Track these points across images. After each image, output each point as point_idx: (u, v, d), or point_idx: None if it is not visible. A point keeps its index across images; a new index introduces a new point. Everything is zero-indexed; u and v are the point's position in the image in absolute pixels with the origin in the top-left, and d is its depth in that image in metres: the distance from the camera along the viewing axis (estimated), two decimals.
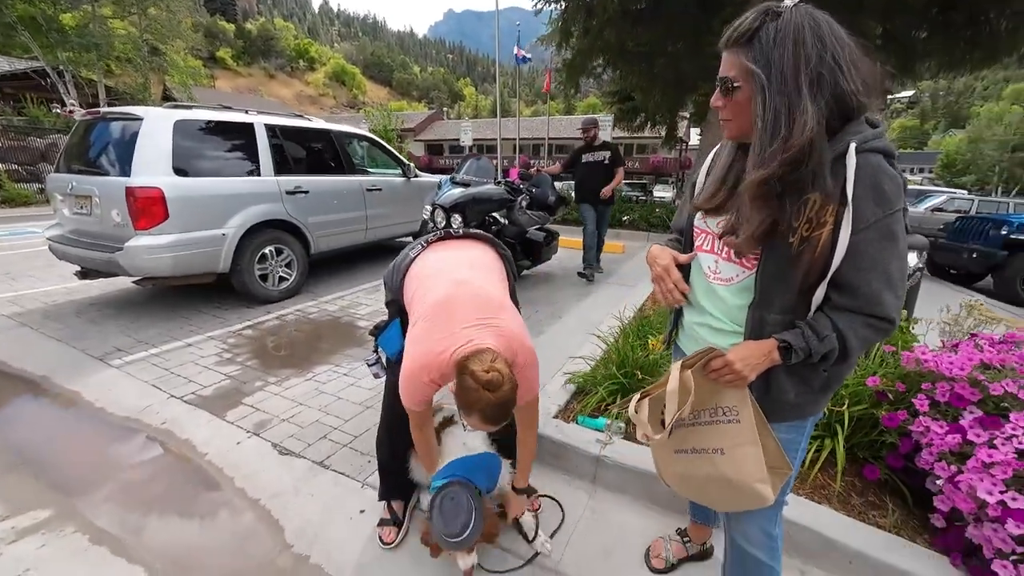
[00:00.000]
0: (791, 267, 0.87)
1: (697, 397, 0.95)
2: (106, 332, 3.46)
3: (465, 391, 1.17)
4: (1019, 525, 1.24)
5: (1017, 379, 1.46)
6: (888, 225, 0.82)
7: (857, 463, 1.79)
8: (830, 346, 0.86)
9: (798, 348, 0.87)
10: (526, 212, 4.36)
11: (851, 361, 0.93)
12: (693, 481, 1.06)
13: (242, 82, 70.75)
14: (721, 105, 0.91)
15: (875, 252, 0.83)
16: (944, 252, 6.90)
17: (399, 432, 1.71)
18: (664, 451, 1.10)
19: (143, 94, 17.06)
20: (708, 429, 1.00)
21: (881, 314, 0.85)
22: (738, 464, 0.95)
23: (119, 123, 3.69)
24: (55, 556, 1.57)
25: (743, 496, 0.96)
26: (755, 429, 0.93)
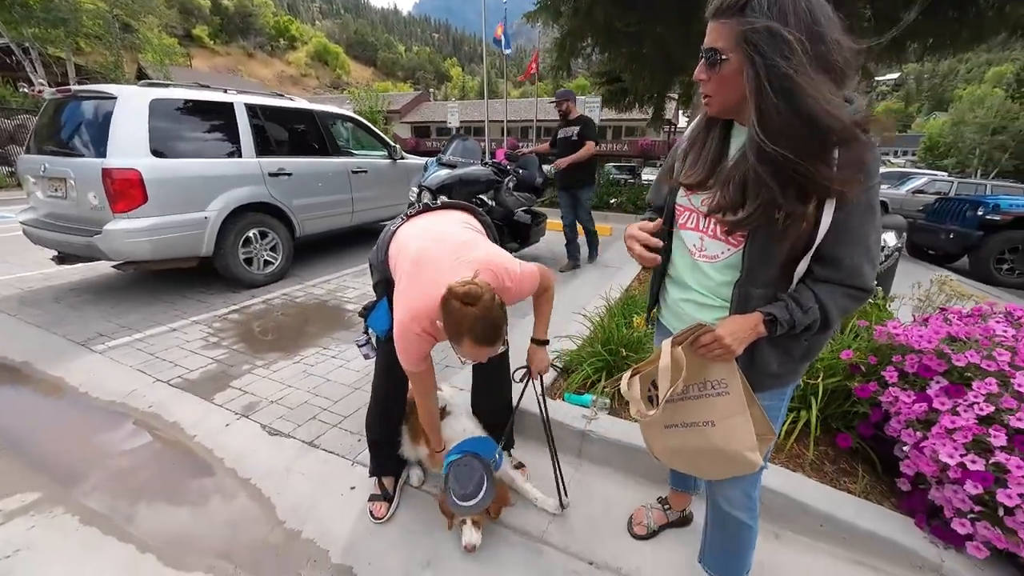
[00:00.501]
0: (777, 243, 0.89)
1: (687, 372, 0.98)
2: (87, 317, 3.41)
3: (449, 315, 1.16)
4: (977, 486, 1.32)
5: (980, 350, 1.53)
6: (869, 199, 0.85)
7: (831, 433, 1.86)
8: (813, 317, 0.90)
9: (783, 320, 0.90)
10: (513, 194, 4.34)
11: (831, 330, 0.97)
12: (684, 453, 1.09)
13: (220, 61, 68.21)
14: (705, 78, 0.88)
15: (856, 226, 0.86)
16: (923, 233, 7.06)
17: (390, 409, 1.75)
18: (654, 427, 1.13)
19: (115, 73, 16.40)
20: (698, 403, 1.03)
21: (860, 284, 0.89)
22: (729, 434, 0.98)
23: (91, 102, 3.57)
24: (45, 537, 1.58)
25: (734, 464, 1.00)
26: (744, 400, 0.97)
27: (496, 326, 1.19)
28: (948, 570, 1.41)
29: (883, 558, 1.49)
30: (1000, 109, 31.48)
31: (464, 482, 1.46)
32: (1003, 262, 6.04)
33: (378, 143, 5.80)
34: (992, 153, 31.87)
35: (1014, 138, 30.67)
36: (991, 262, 6.03)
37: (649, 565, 1.51)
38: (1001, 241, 5.95)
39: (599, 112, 9.46)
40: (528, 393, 1.73)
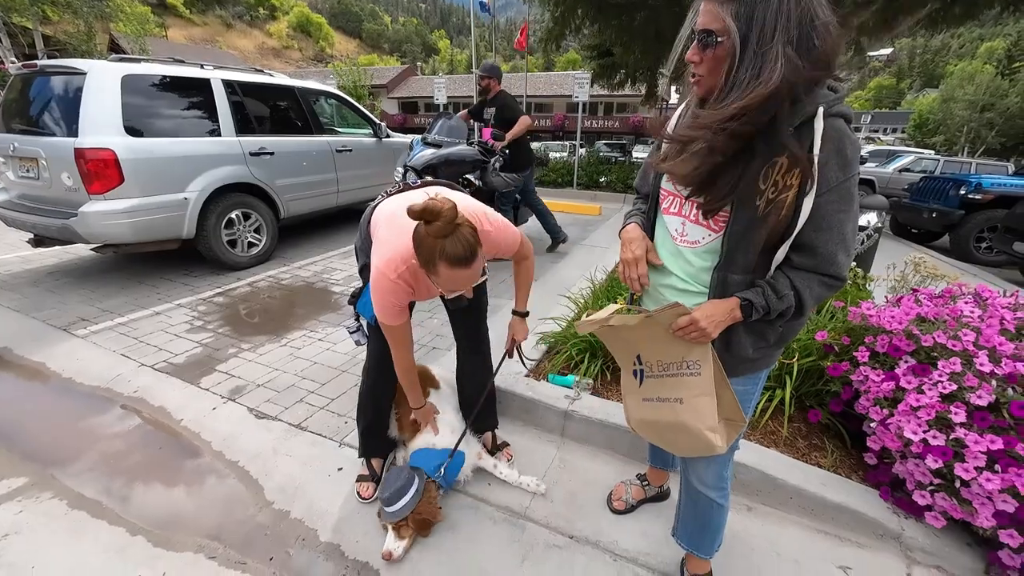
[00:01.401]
0: (757, 229, 0.90)
1: (667, 352, 1.04)
2: (67, 302, 3.35)
3: (418, 243, 1.14)
4: (937, 460, 1.39)
5: (947, 331, 1.58)
6: (848, 188, 0.86)
7: (804, 410, 1.93)
8: (788, 303, 0.92)
9: (758, 306, 0.93)
10: (500, 174, 4.29)
11: (805, 317, 0.99)
12: (655, 426, 1.13)
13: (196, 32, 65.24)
14: (698, 60, 0.88)
15: (834, 214, 0.87)
16: (906, 212, 7.16)
17: (382, 396, 1.78)
18: (634, 397, 1.17)
19: (87, 44, 15.67)
20: (673, 380, 1.06)
21: (834, 273, 0.91)
22: (693, 413, 1.01)
23: (60, 78, 3.42)
24: (34, 521, 1.60)
25: (696, 441, 1.03)
26: (712, 382, 1.00)
27: (467, 242, 1.13)
28: (907, 538, 1.50)
29: (848, 528, 1.57)
30: (989, 86, 31.53)
31: (387, 486, 1.51)
32: (982, 241, 6.17)
33: (363, 120, 5.67)
34: (980, 131, 32.07)
35: (1001, 115, 30.84)
36: (970, 241, 6.15)
37: (627, 538, 1.57)
38: (981, 220, 6.06)
39: (588, 87, 9.27)
40: (507, 376, 1.76)
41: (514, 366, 2.28)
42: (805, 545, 1.56)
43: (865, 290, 2.55)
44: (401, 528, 1.49)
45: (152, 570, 1.44)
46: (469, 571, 1.46)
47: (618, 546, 1.55)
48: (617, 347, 1.20)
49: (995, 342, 1.49)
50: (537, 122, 31.07)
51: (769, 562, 1.50)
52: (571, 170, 10.14)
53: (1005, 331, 1.56)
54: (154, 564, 1.46)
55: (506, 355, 1.77)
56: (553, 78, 32.92)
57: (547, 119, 31.27)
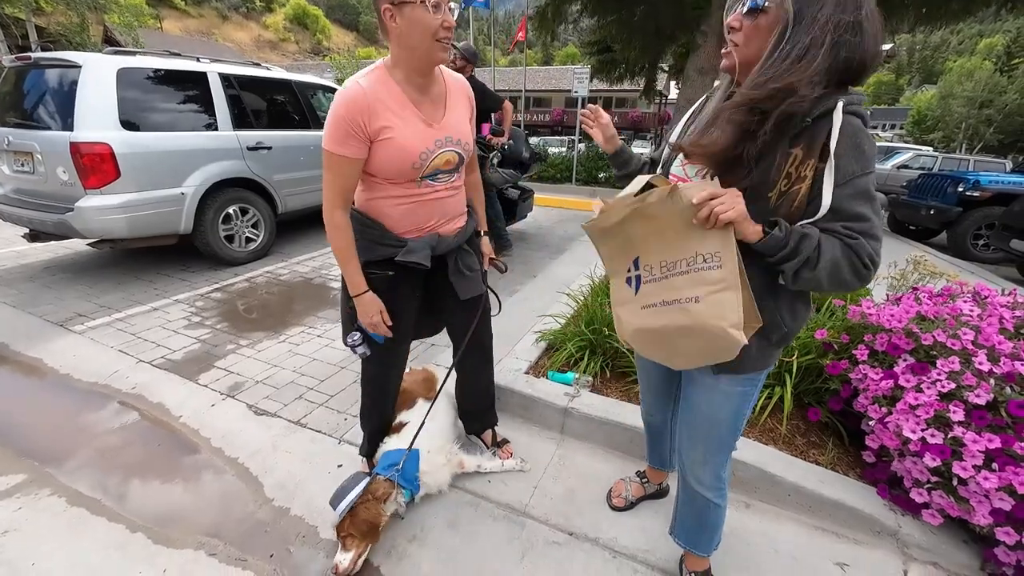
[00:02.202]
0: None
1: (678, 248, 0.93)
2: (64, 297, 3.34)
3: None
4: (935, 458, 1.39)
5: (946, 329, 1.59)
6: (865, 183, 0.85)
7: (803, 408, 1.94)
8: (811, 244, 0.84)
9: (782, 227, 0.86)
10: (498, 170, 4.28)
11: (818, 272, 0.86)
12: (658, 334, 1.00)
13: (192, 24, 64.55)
14: (738, 27, 0.88)
15: (850, 207, 0.85)
16: (904, 209, 7.16)
17: (387, 403, 1.75)
18: (629, 308, 1.06)
19: (81, 36, 15.50)
20: (684, 278, 0.93)
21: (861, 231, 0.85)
22: (716, 309, 0.89)
23: (55, 70, 3.39)
24: (33, 518, 1.60)
25: (715, 343, 0.91)
26: (738, 273, 0.88)
27: None
28: (904, 535, 1.51)
29: (845, 525, 1.58)
30: (988, 82, 31.51)
31: (337, 489, 1.46)
32: (979, 238, 6.19)
33: None
34: (978, 127, 32.09)
35: (1000, 112, 30.86)
36: (968, 238, 6.17)
37: (626, 535, 1.58)
38: (979, 217, 6.07)
39: (588, 82, 9.23)
40: (507, 374, 1.75)
41: (513, 364, 2.29)
42: (802, 541, 1.57)
43: (864, 289, 2.55)
44: (346, 539, 1.39)
45: (152, 567, 1.44)
46: (469, 568, 1.47)
47: (617, 543, 1.55)
48: (612, 249, 1.08)
49: (994, 341, 1.50)
50: (535, 117, 30.97)
51: (767, 558, 1.51)
52: (570, 166, 10.11)
53: (1004, 330, 1.57)
54: (154, 561, 1.46)
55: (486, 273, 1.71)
56: (552, 72, 32.72)
57: (546, 114, 31.16)
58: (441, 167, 1.35)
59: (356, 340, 1.49)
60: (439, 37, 1.17)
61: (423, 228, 1.42)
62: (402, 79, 1.25)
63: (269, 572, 1.44)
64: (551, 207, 7.62)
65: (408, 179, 1.32)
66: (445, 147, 1.32)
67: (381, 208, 1.36)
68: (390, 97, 1.22)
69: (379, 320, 1.40)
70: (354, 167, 1.25)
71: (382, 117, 1.20)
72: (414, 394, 1.92)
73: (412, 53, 1.20)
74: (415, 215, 1.38)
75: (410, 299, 1.54)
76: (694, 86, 6.38)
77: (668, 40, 8.71)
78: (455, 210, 1.49)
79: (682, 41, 8.69)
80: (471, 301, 1.61)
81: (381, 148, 1.23)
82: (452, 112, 1.36)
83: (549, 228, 6.07)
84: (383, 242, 1.38)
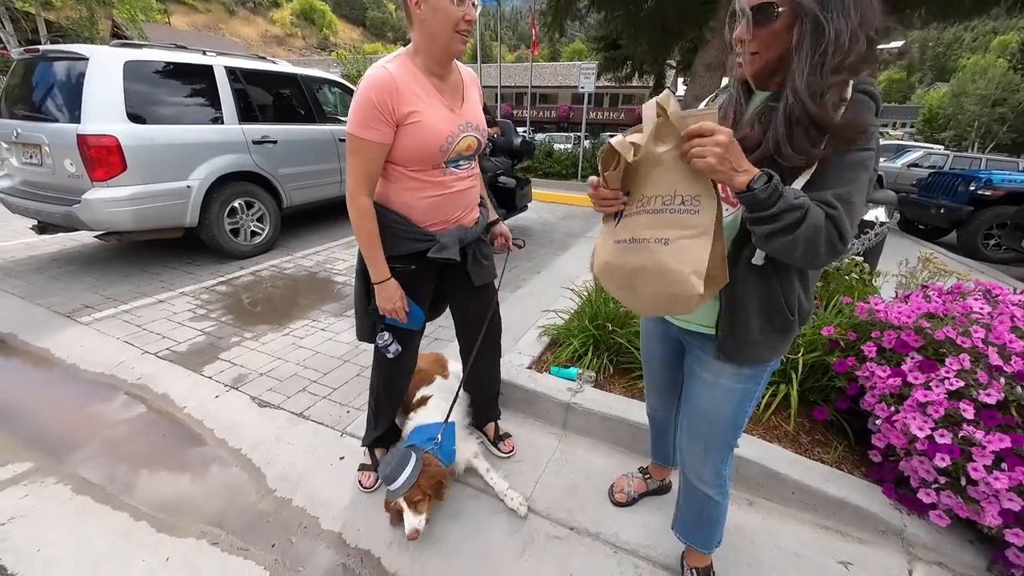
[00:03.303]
0: None
1: (658, 180, 0.87)
2: (71, 289, 3.36)
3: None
4: (943, 458, 1.37)
5: (957, 327, 1.56)
6: (860, 157, 0.83)
7: (808, 405, 1.92)
8: (802, 203, 0.79)
9: (776, 182, 0.79)
10: (490, 159, 4.30)
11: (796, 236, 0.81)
12: (619, 271, 0.96)
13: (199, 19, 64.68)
14: (750, 37, 0.86)
15: (840, 174, 0.83)
16: (914, 207, 7.07)
17: (400, 393, 1.75)
18: (605, 239, 1.00)
19: (89, 30, 15.56)
20: (659, 217, 0.88)
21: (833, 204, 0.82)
22: (680, 253, 0.85)
23: (62, 63, 3.40)
24: (39, 505, 1.61)
25: (672, 287, 0.86)
26: (712, 222, 0.84)
27: None
28: (910, 535, 1.49)
29: (850, 524, 1.57)
30: (1002, 80, 31.02)
31: (385, 466, 1.47)
32: (990, 237, 6.10)
33: None
34: (991, 126, 31.63)
35: (1013, 110, 30.39)
36: (978, 237, 6.09)
37: (628, 530, 1.57)
38: (990, 216, 5.99)
39: (594, 79, 9.18)
40: (510, 368, 1.74)
41: (516, 359, 2.28)
42: (806, 540, 1.55)
43: (871, 285, 2.52)
44: (416, 503, 1.45)
45: (156, 555, 1.45)
46: (471, 561, 1.47)
47: (619, 538, 1.55)
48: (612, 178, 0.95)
49: (1005, 339, 1.47)
50: (541, 113, 30.86)
51: (769, 555, 1.50)
52: (575, 162, 10.07)
53: (1015, 328, 1.54)
54: (157, 549, 1.47)
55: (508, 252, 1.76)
56: (558, 68, 32.58)
57: (552, 110, 31.05)
58: (463, 152, 1.37)
59: (387, 340, 1.50)
60: (459, 28, 1.20)
61: (449, 220, 1.43)
62: (423, 67, 1.27)
63: (270, 562, 1.44)
64: (556, 203, 7.60)
65: (433, 165, 1.32)
66: (467, 131, 1.35)
67: (407, 201, 1.36)
68: (415, 82, 1.24)
69: (400, 306, 1.40)
70: (379, 152, 1.25)
71: (410, 101, 1.22)
72: (430, 372, 1.97)
73: (433, 41, 1.22)
74: (442, 208, 1.40)
75: (429, 288, 1.56)
76: (702, 82, 6.32)
77: (676, 36, 8.64)
78: (474, 200, 1.53)
79: (690, 37, 8.62)
80: (481, 289, 1.62)
81: (408, 132, 1.24)
82: (468, 100, 1.39)
83: (554, 224, 6.05)
84: (411, 236, 1.39)
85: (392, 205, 1.37)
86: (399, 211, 1.37)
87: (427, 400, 1.85)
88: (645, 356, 1.41)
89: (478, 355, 1.69)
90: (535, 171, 10.30)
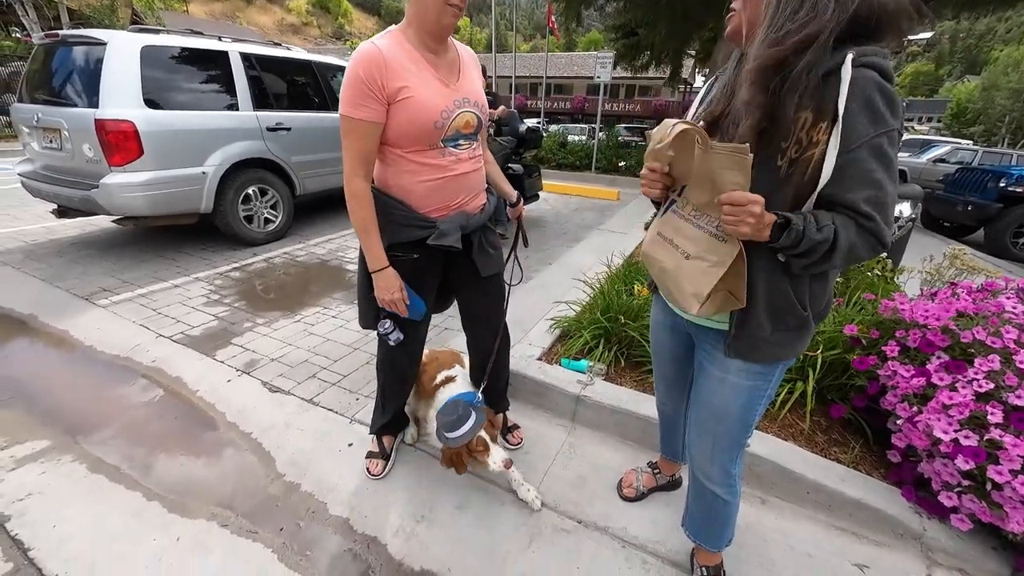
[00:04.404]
0: (780, 191, 0.83)
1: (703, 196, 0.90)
2: (90, 272, 3.42)
3: None
4: (967, 461, 1.32)
5: (988, 327, 1.50)
6: (880, 144, 0.78)
7: (825, 404, 1.87)
8: (826, 236, 0.79)
9: (795, 225, 0.79)
10: (495, 139, 4.26)
11: (832, 262, 0.83)
12: (653, 263, 1.05)
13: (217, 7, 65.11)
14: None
15: (867, 172, 0.78)
16: (939, 204, 6.85)
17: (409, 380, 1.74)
18: (654, 226, 1.07)
19: (110, 18, 15.76)
20: (696, 232, 0.94)
21: (869, 214, 0.79)
22: (693, 272, 0.92)
23: (81, 48, 3.44)
24: (55, 483, 1.65)
25: (675, 296, 0.99)
26: (735, 256, 0.87)
27: None
28: (929, 539, 1.44)
29: (866, 526, 1.53)
30: None
31: (446, 416, 1.49)
32: (1020, 236, 5.89)
33: None
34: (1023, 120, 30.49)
35: None
36: (1007, 236, 5.88)
37: (636, 525, 1.55)
38: (1020, 214, 5.77)
39: (611, 68, 9.01)
40: (520, 359, 1.72)
41: (526, 350, 2.26)
42: (820, 540, 1.51)
43: (894, 283, 2.44)
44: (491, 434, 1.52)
45: (166, 534, 1.47)
46: (476, 551, 1.46)
47: (627, 533, 1.53)
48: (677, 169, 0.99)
49: None
50: (556, 104, 30.52)
51: (782, 555, 1.46)
52: (590, 153, 9.95)
53: None
54: (168, 529, 1.49)
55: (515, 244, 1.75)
56: (574, 59, 32.13)
57: (567, 101, 30.69)
58: (462, 129, 1.32)
59: (388, 328, 1.47)
60: (451, 1, 1.16)
61: (451, 206, 1.38)
62: (416, 41, 1.23)
63: (279, 545, 1.45)
64: (570, 195, 7.53)
65: (430, 144, 1.28)
66: (463, 107, 1.29)
67: (406, 185, 1.32)
68: (407, 57, 1.20)
69: (399, 298, 1.36)
70: (373, 131, 1.22)
71: (400, 76, 1.18)
72: (451, 360, 1.89)
73: (425, 13, 1.18)
74: (442, 191, 1.35)
75: (433, 279, 1.52)
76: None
77: (697, 25, 8.43)
78: (479, 184, 1.47)
79: (710, 25, 8.41)
80: (488, 281, 1.58)
81: (401, 109, 1.20)
82: (466, 76, 1.34)
83: (568, 216, 5.99)
84: (411, 223, 1.34)
85: (391, 190, 1.33)
86: (398, 196, 1.33)
87: (454, 379, 1.77)
88: (654, 348, 1.38)
89: (485, 343, 1.67)
90: (548, 162, 10.19)
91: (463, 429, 1.44)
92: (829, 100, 0.77)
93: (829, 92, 0.77)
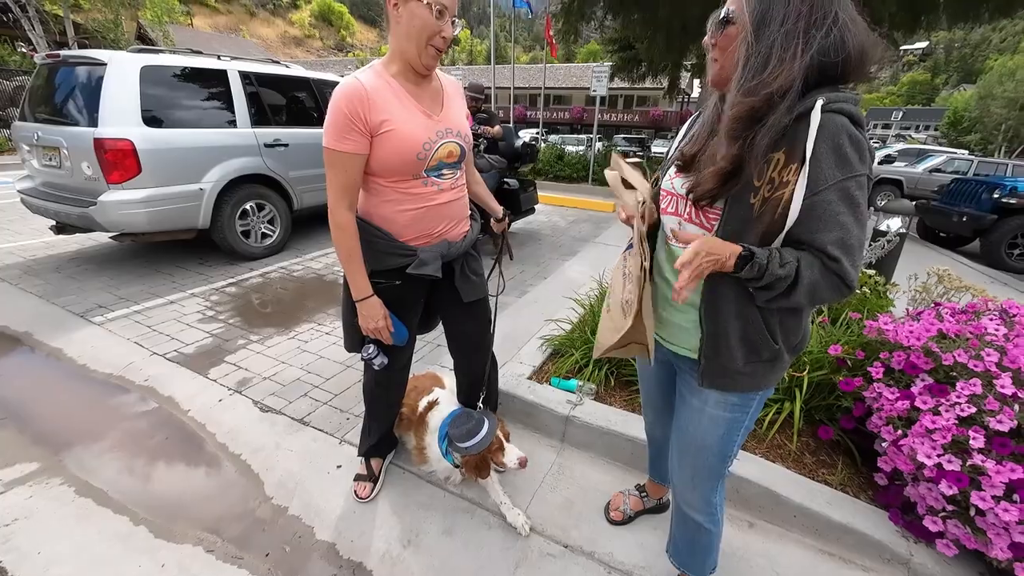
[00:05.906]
0: (751, 229, 0.85)
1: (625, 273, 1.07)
2: (87, 288, 3.44)
3: None
4: (951, 486, 1.32)
5: (969, 349, 1.51)
6: (847, 188, 0.79)
7: (813, 424, 1.87)
8: (788, 272, 0.81)
9: (759, 259, 0.81)
10: (484, 156, 4.30)
11: (793, 299, 0.85)
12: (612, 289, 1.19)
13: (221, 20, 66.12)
14: (713, 43, 0.89)
15: (833, 216, 0.79)
16: (935, 215, 6.87)
17: (396, 404, 1.77)
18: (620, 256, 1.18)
19: (115, 32, 15.97)
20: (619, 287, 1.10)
21: (835, 256, 0.80)
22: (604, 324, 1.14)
23: (82, 68, 3.49)
24: (43, 506, 1.65)
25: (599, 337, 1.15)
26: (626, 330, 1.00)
27: None
28: (916, 565, 1.44)
29: (853, 550, 1.52)
30: None
31: (460, 426, 1.55)
32: (1015, 247, 5.90)
33: None
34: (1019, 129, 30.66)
35: None
36: (1003, 247, 5.89)
37: (623, 550, 1.55)
38: (1015, 225, 5.79)
39: (606, 81, 9.10)
40: (510, 378, 1.73)
41: (517, 368, 2.27)
42: (807, 565, 1.51)
43: (886, 298, 2.45)
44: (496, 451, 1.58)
45: (152, 560, 1.47)
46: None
47: (613, 558, 1.52)
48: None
49: (1021, 363, 1.41)
50: (555, 115, 30.78)
51: None
52: (587, 165, 10.00)
53: None
54: (154, 554, 1.49)
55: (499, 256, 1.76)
56: (572, 70, 32.45)
57: (565, 112, 30.94)
58: (445, 159, 1.34)
59: (372, 352, 1.48)
60: (433, 42, 1.19)
61: (432, 234, 1.40)
62: (398, 73, 1.25)
63: (264, 572, 1.45)
64: (567, 207, 7.57)
65: (413, 174, 1.29)
66: (446, 138, 1.32)
67: (387, 215, 1.34)
68: (389, 90, 1.23)
69: (383, 326, 1.38)
70: (356, 163, 1.24)
71: (382, 110, 1.20)
72: (431, 383, 1.93)
73: (407, 48, 1.20)
74: (423, 221, 1.36)
75: (416, 305, 1.54)
76: None
77: (694, 37, 8.53)
78: (461, 213, 1.49)
79: None
80: (473, 305, 1.60)
81: (385, 141, 1.22)
82: (449, 107, 1.36)
83: (564, 229, 6.02)
84: (392, 251, 1.36)
85: (373, 219, 1.36)
86: (379, 224, 1.35)
87: (437, 402, 1.79)
88: (640, 374, 1.39)
89: (474, 371, 1.71)
90: (545, 174, 10.24)
91: (481, 434, 1.52)
92: (799, 142, 0.79)
93: (799, 134, 0.79)
